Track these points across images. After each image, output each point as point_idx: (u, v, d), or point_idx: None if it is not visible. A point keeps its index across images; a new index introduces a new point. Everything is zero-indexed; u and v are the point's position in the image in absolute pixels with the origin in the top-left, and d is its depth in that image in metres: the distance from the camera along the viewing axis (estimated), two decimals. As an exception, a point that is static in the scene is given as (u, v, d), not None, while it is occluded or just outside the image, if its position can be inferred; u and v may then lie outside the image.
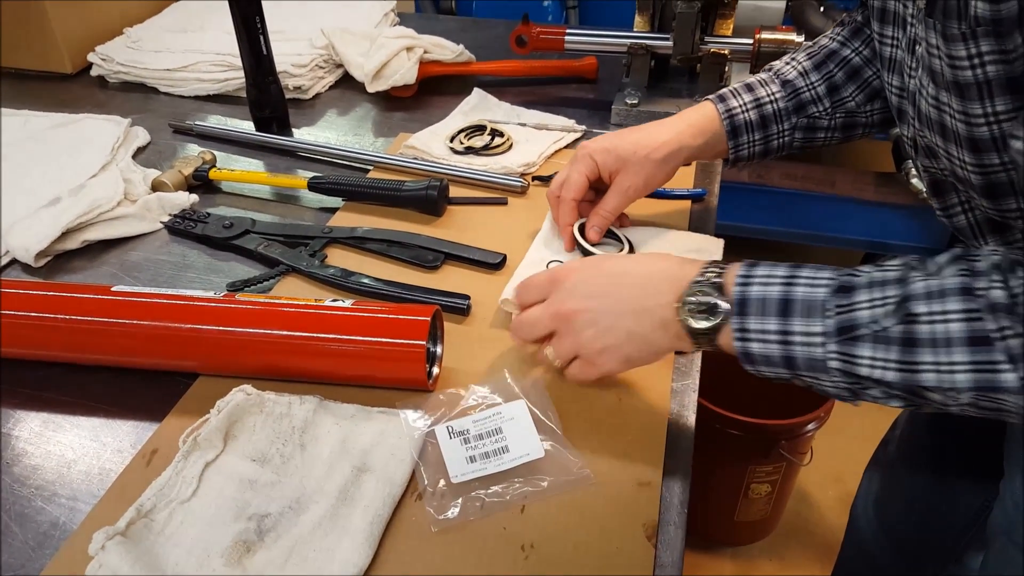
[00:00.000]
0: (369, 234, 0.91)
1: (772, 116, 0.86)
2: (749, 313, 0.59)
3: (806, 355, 0.57)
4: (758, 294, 0.59)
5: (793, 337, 0.57)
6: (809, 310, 0.57)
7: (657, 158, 0.83)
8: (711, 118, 0.86)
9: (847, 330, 0.55)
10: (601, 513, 0.62)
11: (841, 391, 0.58)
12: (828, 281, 0.57)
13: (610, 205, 0.85)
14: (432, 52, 1.25)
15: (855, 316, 0.55)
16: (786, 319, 0.57)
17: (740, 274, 0.60)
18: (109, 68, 1.30)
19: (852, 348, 0.55)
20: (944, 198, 0.74)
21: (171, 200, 0.97)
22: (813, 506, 1.83)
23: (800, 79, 0.86)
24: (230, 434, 0.67)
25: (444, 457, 0.65)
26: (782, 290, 0.58)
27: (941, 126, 0.63)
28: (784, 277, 0.59)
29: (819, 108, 0.86)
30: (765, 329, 0.58)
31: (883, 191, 2.07)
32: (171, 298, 0.73)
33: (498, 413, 0.68)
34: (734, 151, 0.87)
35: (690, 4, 1.12)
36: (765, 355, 0.59)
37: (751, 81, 0.88)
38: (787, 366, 0.58)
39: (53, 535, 0.61)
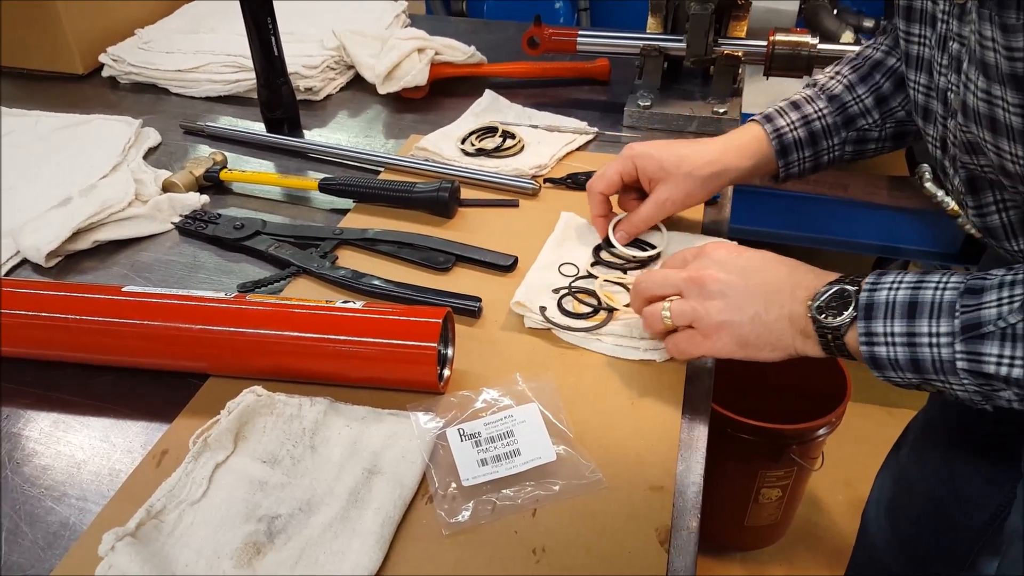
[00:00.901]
0: (380, 236, 0.91)
1: (821, 132, 0.85)
2: (875, 316, 0.59)
3: (933, 357, 0.57)
4: (885, 298, 0.60)
5: (919, 339, 0.58)
6: (936, 311, 0.57)
7: (701, 175, 0.83)
8: (759, 139, 0.85)
9: (973, 328, 0.56)
10: (613, 517, 0.61)
11: (972, 394, 0.58)
12: (957, 284, 0.58)
13: (644, 214, 0.85)
14: (443, 54, 1.25)
15: (981, 314, 0.56)
16: (912, 320, 0.58)
17: (870, 281, 0.61)
18: (120, 69, 1.30)
19: (978, 346, 0.55)
20: (979, 196, 0.73)
21: (182, 201, 0.97)
22: (824, 511, 1.82)
23: (847, 93, 0.86)
24: (240, 435, 0.66)
25: (455, 460, 0.65)
26: (909, 293, 0.59)
27: (992, 120, 0.62)
28: (912, 282, 0.60)
29: (868, 120, 0.85)
30: (891, 332, 0.59)
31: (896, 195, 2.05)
32: (182, 299, 0.72)
33: (510, 416, 0.68)
34: (784, 169, 0.86)
35: (704, 5, 1.11)
36: (891, 358, 0.59)
37: (796, 99, 0.87)
38: (914, 369, 0.59)
39: (63, 535, 0.61)
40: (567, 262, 0.86)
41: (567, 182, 1.01)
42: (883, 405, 2.04)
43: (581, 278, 0.84)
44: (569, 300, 0.81)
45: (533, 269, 0.85)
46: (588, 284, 0.83)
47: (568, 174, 1.02)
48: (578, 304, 0.81)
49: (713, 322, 0.66)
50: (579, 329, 0.77)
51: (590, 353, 0.76)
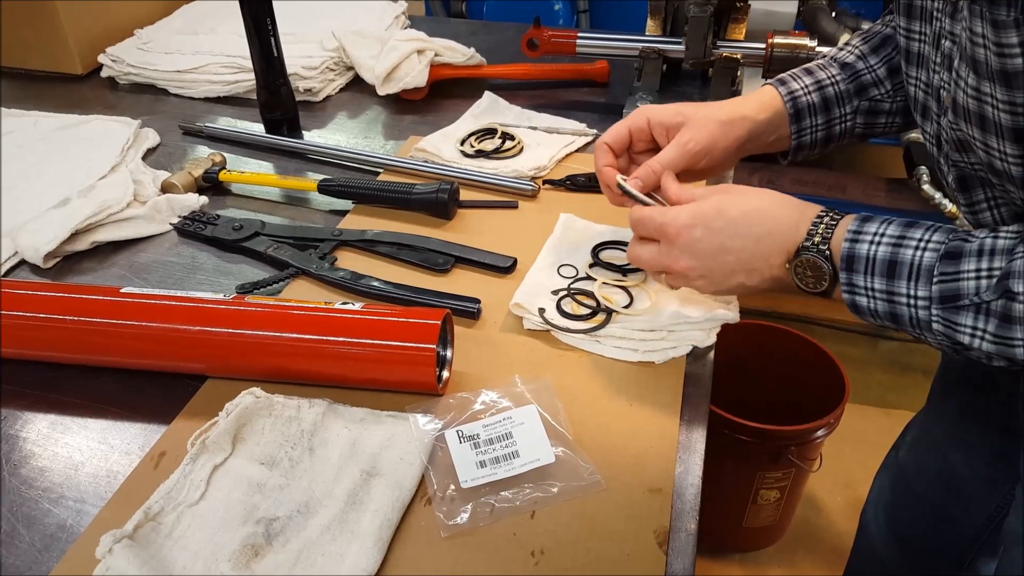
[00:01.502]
0: (379, 237, 0.91)
1: (834, 98, 0.84)
2: (857, 270, 0.62)
3: (911, 314, 0.61)
4: (867, 252, 0.62)
5: (898, 297, 0.61)
6: (916, 274, 0.60)
7: (721, 118, 0.79)
8: (773, 98, 0.84)
9: (951, 299, 0.58)
10: (612, 519, 0.61)
11: (945, 348, 0.61)
12: (937, 245, 0.59)
13: (665, 157, 0.77)
14: (443, 55, 1.25)
15: (959, 286, 0.58)
16: (891, 280, 0.61)
17: (851, 229, 0.63)
18: (119, 69, 1.30)
19: (955, 316, 0.58)
20: (970, 194, 0.73)
21: (181, 202, 0.97)
22: (822, 512, 1.82)
23: (860, 61, 0.85)
24: (239, 437, 0.66)
25: (454, 462, 0.64)
26: (890, 251, 0.61)
27: (981, 118, 0.62)
28: (894, 237, 0.61)
29: (880, 91, 0.84)
30: (872, 287, 0.62)
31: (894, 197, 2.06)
32: (180, 300, 0.72)
33: (508, 418, 0.67)
34: (797, 136, 0.85)
35: (702, 8, 1.11)
36: (872, 309, 0.63)
37: (809, 66, 0.86)
38: (893, 320, 0.62)
39: (60, 537, 0.61)
40: (566, 264, 0.86)
41: (566, 184, 1.01)
42: (881, 406, 2.04)
43: (580, 280, 0.84)
44: (568, 302, 0.81)
45: (532, 271, 0.85)
46: (587, 286, 0.83)
47: (567, 176, 1.02)
48: (577, 306, 0.80)
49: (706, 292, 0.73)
50: (578, 331, 0.77)
51: (589, 355, 0.76)
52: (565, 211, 0.95)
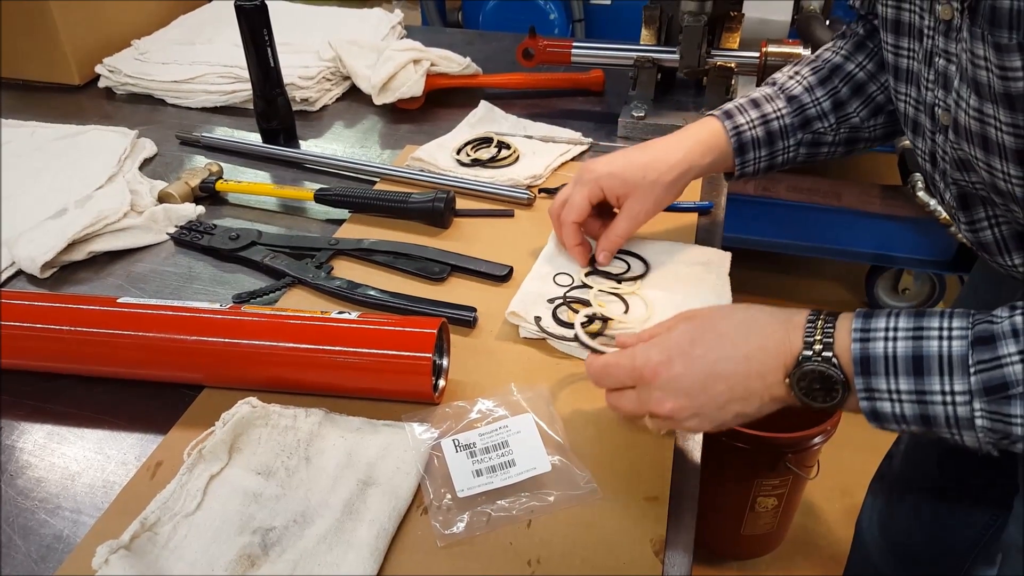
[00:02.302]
0: (375, 246, 0.91)
1: (778, 132, 0.85)
2: (875, 373, 0.54)
3: (948, 414, 0.53)
4: (883, 350, 0.54)
5: (931, 396, 0.53)
6: (948, 366, 0.52)
7: (667, 181, 0.83)
8: (717, 134, 0.85)
9: (998, 388, 0.51)
10: (608, 528, 0.61)
11: (983, 445, 0.54)
12: (963, 331, 0.53)
13: (620, 230, 0.85)
14: (439, 65, 1.26)
15: (1005, 372, 0.51)
16: (920, 378, 0.53)
17: (857, 327, 0.56)
18: (116, 80, 1.30)
19: (1004, 407, 0.51)
20: (971, 212, 0.72)
21: (177, 211, 0.97)
22: (820, 519, 1.81)
23: (806, 95, 0.86)
24: (235, 447, 0.66)
25: (450, 471, 0.64)
26: (911, 345, 0.54)
27: (984, 139, 0.61)
28: (911, 329, 0.54)
29: (824, 124, 0.85)
30: (896, 389, 0.54)
31: (889, 204, 2.06)
32: (177, 310, 0.72)
33: (504, 427, 0.67)
34: (740, 167, 0.86)
35: (697, 17, 1.12)
36: (899, 414, 0.54)
37: (756, 96, 0.87)
38: (924, 423, 0.54)
39: (57, 548, 0.61)
40: (562, 272, 0.87)
41: (562, 192, 1.02)
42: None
43: (576, 288, 0.85)
44: (564, 310, 0.81)
45: (528, 279, 0.86)
46: (583, 294, 0.83)
47: (563, 184, 1.02)
48: (573, 314, 0.81)
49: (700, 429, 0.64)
50: (574, 339, 0.77)
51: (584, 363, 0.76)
52: (561, 220, 0.95)
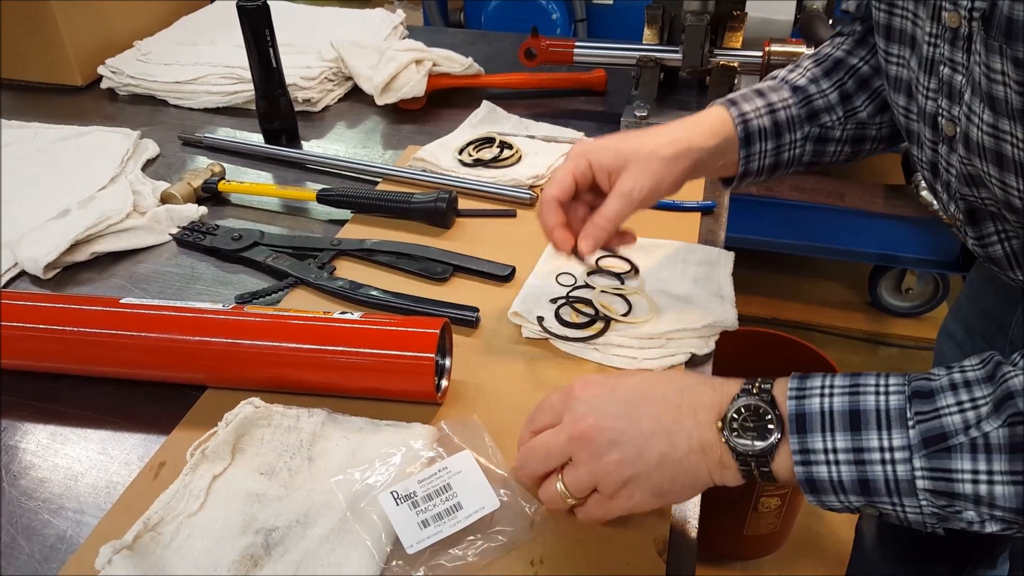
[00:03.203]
0: (378, 246, 0.91)
1: (785, 123, 0.79)
2: (811, 430, 0.51)
3: (886, 475, 0.49)
4: (819, 406, 0.51)
5: (869, 455, 0.49)
6: (885, 419, 0.49)
7: (665, 155, 0.71)
8: (723, 121, 0.77)
9: (937, 439, 0.48)
10: (611, 527, 0.61)
11: (927, 517, 0.50)
12: (899, 387, 0.51)
13: (609, 211, 0.71)
14: (441, 65, 1.26)
15: (943, 423, 0.48)
16: (858, 433, 0.50)
17: (793, 386, 0.53)
18: (119, 81, 1.31)
19: (945, 461, 0.48)
20: (980, 227, 0.70)
21: (180, 212, 0.97)
22: (823, 519, 1.81)
23: (812, 85, 0.81)
24: (238, 447, 0.66)
25: (395, 527, 0.59)
26: (847, 400, 0.51)
27: (998, 155, 0.58)
28: (846, 385, 0.52)
29: (832, 117, 0.80)
30: (833, 447, 0.50)
31: (893, 204, 2.06)
32: (179, 310, 0.72)
33: (444, 468, 0.62)
34: (745, 161, 0.78)
35: (699, 17, 1.12)
36: (835, 480, 0.50)
37: (760, 87, 0.81)
38: (861, 491, 0.50)
39: (60, 548, 0.61)
40: (564, 272, 0.86)
41: (564, 192, 1.01)
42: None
43: (578, 288, 0.85)
44: (566, 310, 0.81)
45: (530, 279, 0.86)
46: (585, 294, 0.83)
47: (565, 184, 1.02)
48: (575, 314, 0.81)
49: (618, 479, 0.56)
50: (576, 339, 0.77)
51: (588, 362, 0.76)
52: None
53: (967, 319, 0.95)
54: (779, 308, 2.29)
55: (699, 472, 0.55)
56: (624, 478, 0.55)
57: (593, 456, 0.56)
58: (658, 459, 0.55)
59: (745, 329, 1.23)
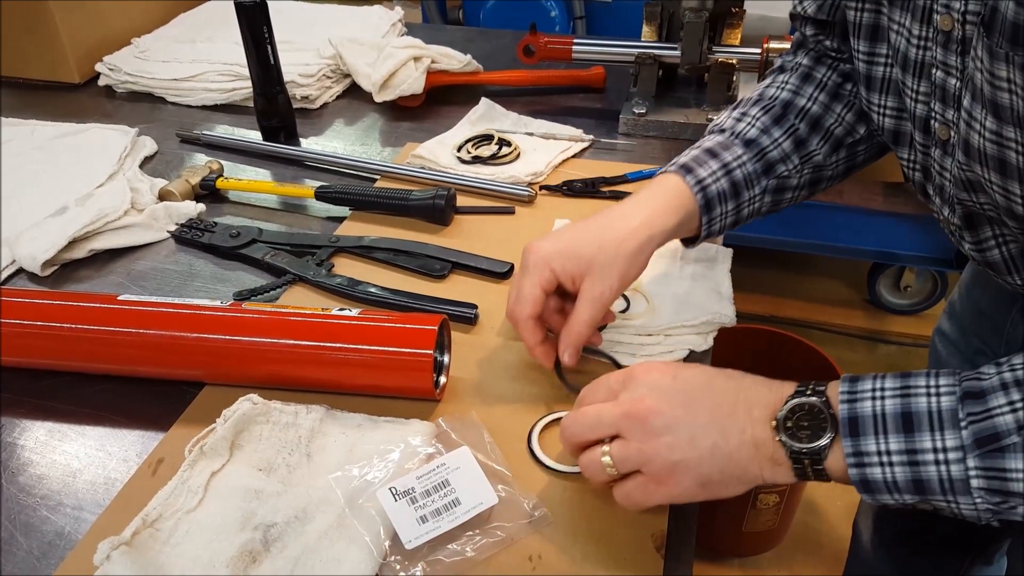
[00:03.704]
0: (376, 243, 0.91)
1: (743, 182, 0.76)
2: (864, 432, 0.51)
3: (940, 475, 0.50)
4: (871, 409, 0.52)
5: (923, 456, 0.50)
6: (938, 421, 0.50)
7: (628, 251, 0.70)
8: (682, 192, 0.74)
9: (990, 440, 0.48)
10: (609, 523, 0.61)
11: (981, 513, 0.51)
12: (951, 387, 0.51)
13: (582, 318, 0.70)
14: (439, 62, 1.25)
15: (996, 423, 0.49)
16: (910, 436, 0.50)
17: (844, 390, 0.53)
18: (117, 78, 1.30)
19: (999, 461, 0.48)
20: (977, 232, 0.69)
21: (178, 209, 0.97)
22: (821, 517, 1.81)
23: (764, 136, 0.77)
24: (236, 444, 0.66)
25: (393, 523, 0.59)
26: (899, 403, 0.51)
27: (1001, 162, 0.57)
28: (898, 388, 0.52)
29: (788, 166, 0.77)
30: (887, 450, 0.51)
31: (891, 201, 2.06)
32: (178, 307, 0.72)
33: (442, 464, 0.63)
34: (707, 226, 0.75)
35: (698, 14, 1.12)
36: (889, 480, 0.51)
37: (710, 146, 0.77)
38: (916, 491, 0.51)
39: (58, 545, 0.61)
40: (563, 269, 0.86)
41: (563, 189, 1.02)
42: (880, 411, 2.04)
43: (577, 285, 0.84)
44: (565, 307, 0.81)
45: (529, 276, 0.85)
46: (584, 291, 0.83)
47: (564, 181, 1.02)
48: (574, 311, 0.80)
49: (666, 464, 0.56)
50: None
51: (585, 358, 0.76)
52: (561, 216, 0.95)
53: (961, 319, 0.95)
54: (778, 305, 2.29)
55: (749, 466, 0.55)
56: (673, 462, 0.55)
57: (645, 435, 0.56)
58: (710, 449, 0.55)
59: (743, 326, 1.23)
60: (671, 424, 0.56)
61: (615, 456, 0.57)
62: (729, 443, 0.55)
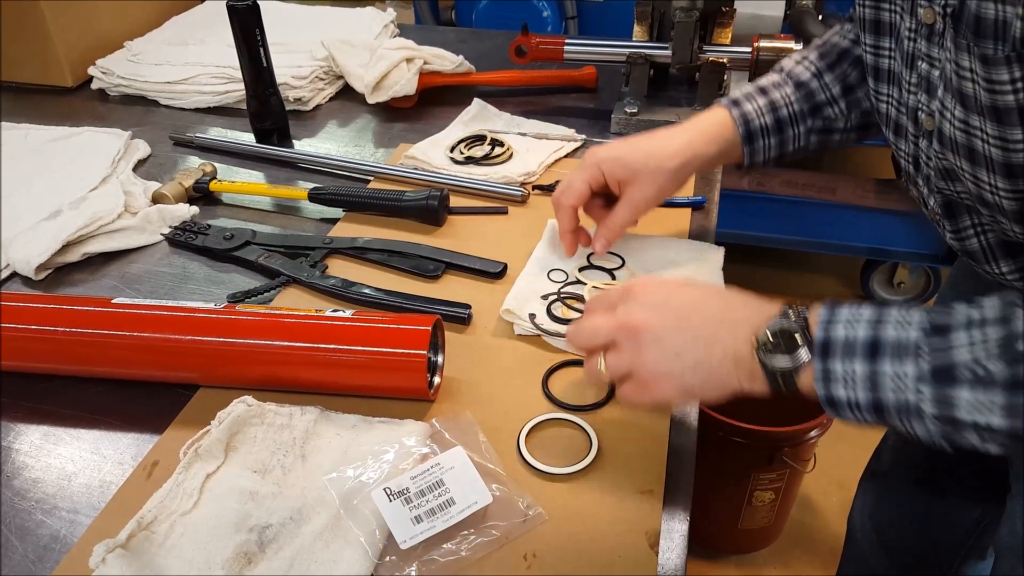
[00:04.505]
0: (370, 244, 0.91)
1: (788, 120, 0.83)
2: (833, 355, 0.55)
3: (898, 400, 0.53)
4: (844, 335, 0.55)
5: (883, 381, 0.53)
6: (901, 351, 0.53)
7: (670, 168, 0.80)
8: (725, 124, 0.82)
9: (944, 372, 0.52)
10: (603, 521, 0.62)
11: (934, 437, 0.54)
12: (920, 321, 0.54)
13: (620, 218, 0.82)
14: (432, 63, 1.26)
15: (953, 355, 0.51)
16: (874, 361, 0.54)
17: (824, 315, 0.56)
18: (110, 81, 1.30)
19: (950, 389, 0.51)
20: (956, 220, 0.71)
21: (172, 212, 0.97)
22: (817, 513, 1.82)
23: (814, 80, 0.83)
24: (231, 445, 0.66)
25: (388, 523, 0.60)
26: (870, 331, 0.54)
27: (970, 150, 0.60)
28: (872, 317, 0.55)
29: (834, 110, 0.83)
30: (851, 372, 0.54)
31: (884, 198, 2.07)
32: (172, 310, 0.73)
33: (436, 464, 0.63)
34: (749, 156, 0.84)
35: (688, 13, 1.12)
36: (852, 400, 0.55)
37: (764, 84, 0.85)
38: (875, 411, 0.54)
39: (54, 548, 0.61)
40: (556, 268, 0.87)
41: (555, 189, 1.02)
42: (875, 407, 2.05)
43: (570, 284, 0.85)
44: (558, 306, 0.81)
45: (522, 276, 0.86)
46: (577, 290, 0.84)
47: (556, 181, 1.02)
48: (567, 310, 0.81)
49: (653, 373, 0.61)
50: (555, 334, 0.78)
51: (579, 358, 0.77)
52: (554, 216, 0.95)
53: None
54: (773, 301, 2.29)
55: (728, 379, 0.59)
56: (658, 373, 0.60)
57: (635, 347, 0.61)
58: (693, 364, 0.60)
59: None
60: (659, 338, 0.60)
61: (609, 364, 0.63)
62: (712, 359, 0.59)
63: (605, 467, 0.66)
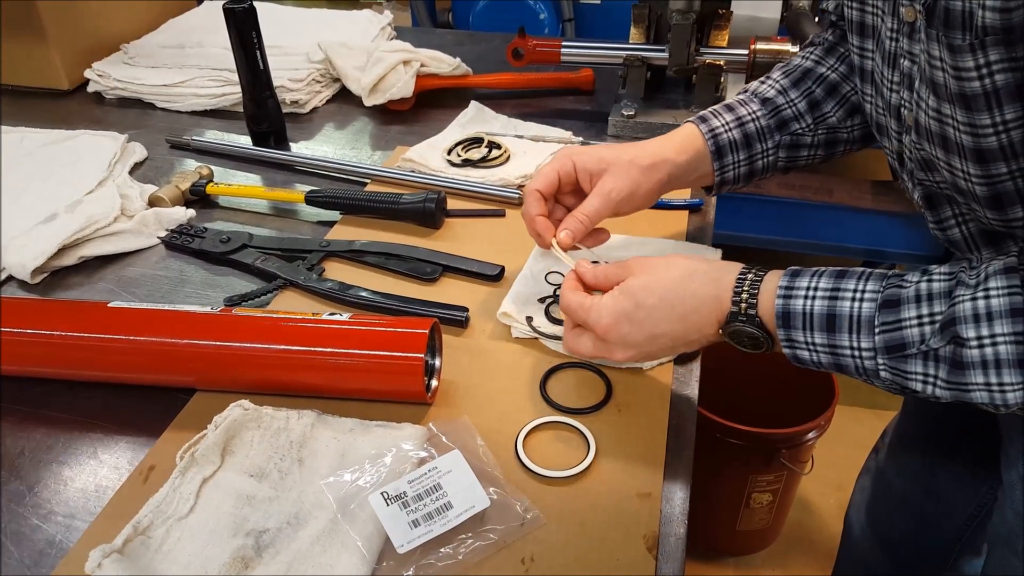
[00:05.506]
0: (367, 247, 0.91)
1: (755, 134, 0.83)
2: (794, 326, 0.61)
3: (856, 365, 0.60)
4: (801, 307, 0.61)
5: (841, 350, 0.60)
6: (856, 326, 0.59)
7: (642, 164, 0.78)
8: (694, 135, 0.82)
9: (896, 348, 0.57)
10: (601, 524, 0.61)
11: (888, 388, 0.60)
12: (873, 294, 0.59)
13: (589, 208, 0.77)
14: (429, 65, 1.26)
15: (903, 334, 0.57)
16: (832, 334, 0.60)
17: (782, 286, 0.62)
18: (106, 84, 1.30)
19: (903, 364, 0.58)
20: (938, 211, 0.73)
21: (168, 215, 0.97)
22: (814, 514, 1.82)
23: (780, 96, 0.84)
24: (228, 450, 0.66)
25: (385, 527, 0.60)
26: (826, 304, 0.60)
27: (943, 139, 0.62)
28: (828, 290, 0.60)
29: (801, 124, 0.84)
30: (811, 341, 0.61)
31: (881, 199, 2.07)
32: (168, 313, 0.72)
33: (434, 468, 0.63)
34: (719, 172, 0.83)
35: (685, 16, 1.12)
36: (815, 361, 0.61)
37: (730, 102, 0.85)
38: (838, 370, 0.61)
39: (49, 553, 0.61)
40: (553, 271, 0.87)
41: (553, 191, 1.02)
42: (871, 408, 2.05)
43: (567, 287, 0.85)
44: (555, 308, 0.81)
45: (519, 278, 0.86)
46: (574, 293, 0.83)
47: (553, 183, 1.02)
48: (564, 313, 0.81)
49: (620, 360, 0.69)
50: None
51: (575, 361, 0.77)
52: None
53: None
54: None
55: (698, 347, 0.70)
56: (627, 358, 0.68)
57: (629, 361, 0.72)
58: (658, 354, 0.69)
59: (734, 326, 1.23)
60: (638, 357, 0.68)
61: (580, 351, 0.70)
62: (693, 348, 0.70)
63: (603, 470, 0.66)
